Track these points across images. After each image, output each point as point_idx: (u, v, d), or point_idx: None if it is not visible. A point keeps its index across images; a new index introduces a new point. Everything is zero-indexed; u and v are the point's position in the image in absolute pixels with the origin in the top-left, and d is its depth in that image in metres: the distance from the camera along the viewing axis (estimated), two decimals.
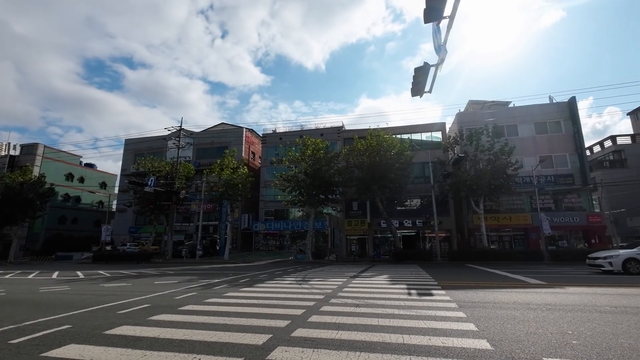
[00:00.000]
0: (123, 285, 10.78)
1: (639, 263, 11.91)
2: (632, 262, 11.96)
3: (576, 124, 27.14)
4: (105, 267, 20.61)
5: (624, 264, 11.99)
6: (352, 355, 3.66)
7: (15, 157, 42.66)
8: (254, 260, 26.66)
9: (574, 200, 26.83)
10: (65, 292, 9.19)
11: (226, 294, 8.32)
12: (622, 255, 12.24)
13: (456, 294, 7.87)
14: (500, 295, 7.64)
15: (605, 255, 12.73)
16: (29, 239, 40.95)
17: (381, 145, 25.05)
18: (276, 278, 12.38)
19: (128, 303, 7.20)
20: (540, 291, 8.27)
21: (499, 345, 3.94)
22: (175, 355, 3.73)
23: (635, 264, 11.92)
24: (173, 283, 11.04)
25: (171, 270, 17.25)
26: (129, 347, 4.07)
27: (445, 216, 28.62)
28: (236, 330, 4.75)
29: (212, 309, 6.41)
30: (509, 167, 23.13)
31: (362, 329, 4.75)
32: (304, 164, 26.23)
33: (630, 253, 12.27)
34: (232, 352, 3.80)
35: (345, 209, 31.56)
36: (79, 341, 4.33)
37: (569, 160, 27.16)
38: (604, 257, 12.65)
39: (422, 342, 4.09)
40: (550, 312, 5.80)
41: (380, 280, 11.12)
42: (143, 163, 29.88)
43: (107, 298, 7.99)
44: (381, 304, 6.66)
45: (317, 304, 6.82)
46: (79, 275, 14.85)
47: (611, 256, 12.47)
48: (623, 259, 12.07)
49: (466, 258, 22.39)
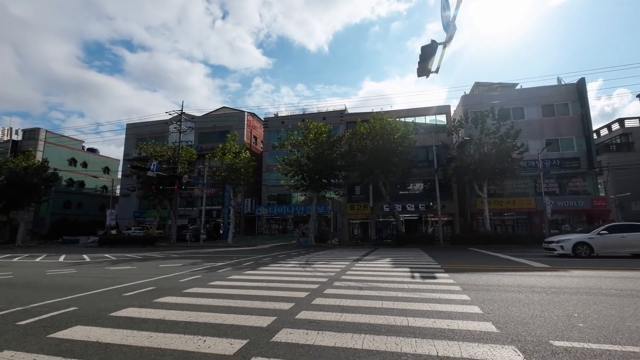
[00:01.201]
0: (128, 268, 10.91)
1: (588, 247, 12.43)
2: (581, 246, 12.51)
3: (584, 106, 26.57)
4: (111, 251, 20.91)
5: (574, 248, 12.54)
6: (356, 337, 3.65)
7: (18, 142, 42.68)
8: (258, 244, 26.94)
9: (579, 184, 26.62)
10: (71, 275, 9.30)
11: (230, 277, 8.38)
12: (573, 239, 12.81)
13: (460, 277, 7.87)
14: (504, 279, 7.63)
15: (558, 240, 13.40)
16: (35, 224, 41.54)
17: (385, 128, 24.72)
18: (280, 261, 12.48)
19: (133, 286, 7.27)
20: (545, 274, 8.26)
21: (505, 328, 3.91)
22: (181, 337, 3.73)
23: (584, 248, 12.47)
24: (177, 266, 11.15)
25: (175, 254, 17.46)
26: (134, 328, 4.09)
27: (448, 200, 28.57)
28: (241, 313, 4.77)
29: (216, 291, 6.45)
30: (514, 150, 22.82)
31: (366, 312, 4.75)
32: (306, 148, 26.03)
33: (580, 237, 12.83)
34: (237, 334, 3.80)
35: (347, 193, 31.56)
36: (86, 323, 4.36)
37: (576, 143, 26.76)
38: (557, 241, 13.29)
39: (426, 324, 4.07)
40: (556, 295, 5.78)
41: (383, 264, 11.17)
42: (145, 147, 29.78)
43: (113, 280, 8.08)
44: (385, 287, 6.67)
45: (321, 286, 6.85)
46: (85, 259, 15.07)
47: (563, 240, 13.07)
48: (573, 243, 12.63)
49: (469, 242, 22.49)
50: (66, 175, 44.88)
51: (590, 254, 12.30)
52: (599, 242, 12.34)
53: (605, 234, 12.39)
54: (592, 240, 12.44)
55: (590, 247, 12.38)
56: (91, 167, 47.58)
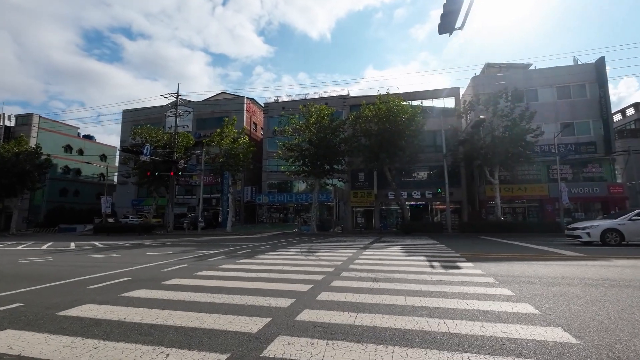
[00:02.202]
0: (112, 256, 9.87)
1: (618, 234, 11.27)
2: (611, 233, 11.36)
3: (603, 87, 25.02)
4: (105, 239, 19.95)
5: (603, 235, 11.39)
6: (382, 351, 2.57)
7: (11, 128, 41.45)
8: (257, 232, 25.98)
9: (595, 170, 25.32)
10: (43, 264, 8.26)
11: (221, 266, 7.31)
12: (601, 226, 11.63)
13: (487, 267, 6.78)
14: (541, 269, 6.52)
15: (584, 226, 12.20)
16: (31, 211, 40.68)
17: (391, 110, 23.32)
18: (279, 249, 11.43)
19: (107, 276, 6.22)
20: (585, 264, 7.14)
21: (585, 337, 2.81)
22: (136, 349, 2.66)
23: (614, 235, 11.33)
24: (166, 254, 10.11)
25: (169, 242, 16.45)
26: (79, 334, 3.02)
27: (456, 187, 27.38)
28: (225, 312, 3.69)
29: (200, 283, 5.38)
30: (528, 133, 21.47)
31: (387, 311, 3.66)
32: (307, 132, 24.71)
33: (610, 224, 11.64)
34: (214, 345, 2.72)
35: (351, 180, 30.39)
36: (19, 326, 3.29)
37: (592, 127, 25.33)
38: (582, 228, 12.13)
39: (474, 331, 2.98)
40: (619, 288, 4.67)
41: (394, 252, 10.09)
42: (139, 132, 28.52)
43: (86, 270, 7.03)
44: (403, 279, 5.57)
45: (327, 277, 5.77)
46: (70, 247, 14.05)
47: (590, 227, 11.89)
48: (601, 230, 11.46)
49: (478, 230, 21.48)
50: (62, 162, 43.77)
51: (621, 242, 11.22)
52: (630, 229, 11.24)
53: (638, 219, 11.24)
54: (622, 226, 11.34)
55: (620, 234, 11.29)
56: (88, 154, 46.43)
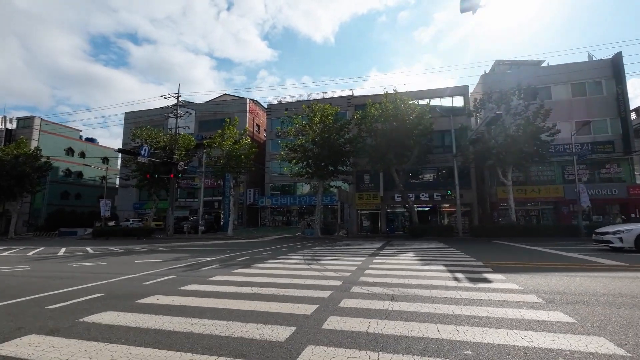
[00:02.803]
0: (96, 265, 8.99)
1: None
2: None
3: (621, 83, 23.85)
4: (101, 244, 19.17)
5: (637, 240, 9.95)
6: None
7: (12, 130, 41.11)
8: (259, 236, 25.09)
9: (613, 171, 24.10)
10: (14, 274, 7.40)
11: (212, 278, 6.39)
12: (635, 230, 10.14)
13: (521, 280, 5.78)
14: (587, 282, 5.51)
15: (615, 230, 10.73)
16: (31, 215, 40.17)
17: (398, 109, 22.34)
18: (280, 256, 10.49)
19: (76, 291, 5.33)
20: (636, 276, 6.11)
21: None
22: None
23: None
24: (156, 262, 9.22)
25: (165, 247, 15.57)
26: None
27: (466, 188, 26.30)
28: (202, 349, 2.76)
29: (182, 302, 4.46)
30: (543, 132, 20.36)
31: (418, 349, 2.70)
32: (311, 132, 23.81)
33: None
34: None
35: (356, 181, 29.41)
36: None
37: (610, 125, 24.15)
38: (613, 232, 10.69)
39: None
40: None
41: (408, 259, 9.11)
42: (139, 134, 27.83)
43: (58, 283, 6.16)
44: (427, 296, 4.61)
45: (335, 294, 4.82)
46: (58, 253, 13.21)
47: (622, 231, 10.43)
48: (636, 235, 9.98)
49: (490, 233, 20.36)
50: (63, 165, 43.32)
51: None
52: None
53: None
54: None
55: None
56: (90, 157, 46.00)
